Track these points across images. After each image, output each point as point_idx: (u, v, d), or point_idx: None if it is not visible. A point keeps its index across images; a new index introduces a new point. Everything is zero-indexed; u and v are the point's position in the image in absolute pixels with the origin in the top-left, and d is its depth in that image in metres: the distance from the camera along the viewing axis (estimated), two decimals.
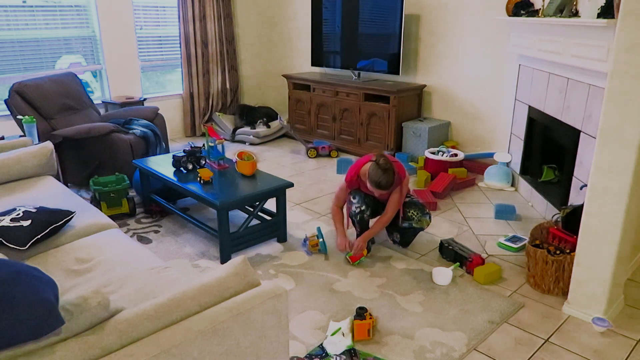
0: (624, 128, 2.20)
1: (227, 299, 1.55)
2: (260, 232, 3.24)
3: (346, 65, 5.61)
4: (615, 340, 2.38)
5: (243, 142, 5.85)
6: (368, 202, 3.11)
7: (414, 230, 3.21)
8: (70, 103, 4.36)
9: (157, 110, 4.67)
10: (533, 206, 3.96)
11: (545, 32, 3.50)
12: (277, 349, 1.63)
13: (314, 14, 5.75)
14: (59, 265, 2.17)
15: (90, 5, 5.09)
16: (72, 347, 1.26)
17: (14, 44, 4.68)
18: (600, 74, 2.89)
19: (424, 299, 2.70)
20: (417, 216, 3.11)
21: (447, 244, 3.13)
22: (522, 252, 3.22)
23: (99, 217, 2.64)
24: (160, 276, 1.99)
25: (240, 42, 6.40)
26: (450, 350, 2.29)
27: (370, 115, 5.15)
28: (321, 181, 4.56)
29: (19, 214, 2.31)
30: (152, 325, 1.38)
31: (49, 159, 3.23)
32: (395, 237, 3.30)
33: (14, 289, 1.22)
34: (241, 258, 1.66)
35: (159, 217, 3.72)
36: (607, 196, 2.32)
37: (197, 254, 3.18)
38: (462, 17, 4.76)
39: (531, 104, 3.96)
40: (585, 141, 3.14)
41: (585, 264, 2.48)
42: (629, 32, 2.09)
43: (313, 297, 2.71)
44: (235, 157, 3.40)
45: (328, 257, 3.15)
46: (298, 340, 2.35)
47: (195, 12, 5.74)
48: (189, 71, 5.90)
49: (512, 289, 2.82)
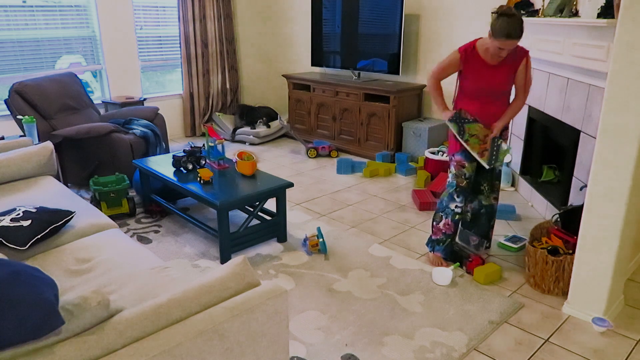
0: (624, 128, 2.20)
1: (227, 299, 1.55)
2: (260, 232, 3.24)
3: (346, 65, 5.61)
4: (615, 340, 2.38)
5: (243, 142, 5.85)
6: (470, 198, 3.00)
7: (486, 212, 3.05)
8: (70, 103, 4.36)
9: (157, 110, 4.67)
10: (533, 206, 3.95)
11: (545, 32, 3.50)
12: (277, 349, 1.63)
13: (314, 14, 5.75)
14: (59, 265, 2.17)
15: (90, 5, 5.09)
16: (72, 347, 1.26)
17: (14, 44, 4.68)
18: (600, 74, 2.89)
19: (424, 299, 2.70)
20: (487, 191, 2.93)
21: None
22: (522, 252, 3.22)
23: (99, 217, 2.64)
24: (160, 276, 1.99)
25: (240, 42, 6.40)
26: (450, 350, 2.29)
27: (370, 115, 5.15)
28: (321, 181, 4.56)
29: (19, 214, 2.31)
30: (152, 325, 1.38)
31: (49, 159, 3.23)
32: (472, 240, 3.14)
33: (14, 289, 1.22)
34: (241, 258, 1.66)
35: (159, 217, 3.72)
36: (607, 196, 2.32)
37: (197, 254, 3.18)
38: (462, 17, 4.76)
39: (531, 104, 3.96)
40: (585, 141, 3.14)
41: (585, 264, 2.48)
42: (629, 32, 2.09)
43: (313, 297, 2.71)
44: (235, 157, 3.40)
45: (328, 257, 3.15)
46: (298, 340, 2.35)
47: (195, 12, 5.74)
48: (189, 71, 5.90)
49: (512, 289, 2.82)
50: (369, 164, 4.76)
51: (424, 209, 3.89)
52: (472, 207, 3.11)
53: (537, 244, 2.84)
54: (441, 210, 3.01)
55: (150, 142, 4.23)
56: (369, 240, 3.39)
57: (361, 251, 3.21)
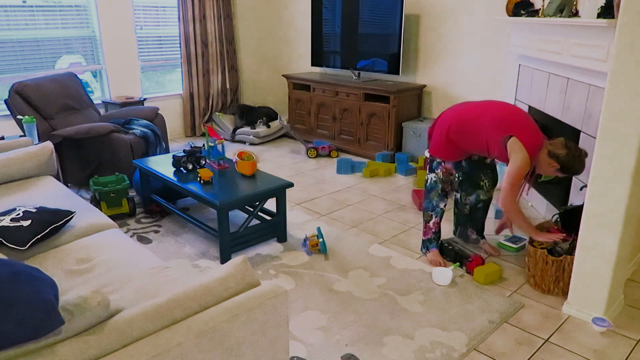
0: (624, 128, 2.20)
1: (227, 299, 1.55)
2: (260, 232, 3.24)
3: (346, 65, 5.61)
4: (615, 340, 2.38)
5: (243, 142, 5.85)
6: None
7: (483, 206, 3.11)
8: (70, 103, 4.36)
9: (157, 110, 4.67)
10: (533, 206, 3.95)
11: (545, 32, 3.50)
12: (277, 349, 1.63)
13: (314, 14, 5.75)
14: (59, 265, 2.17)
15: (90, 5, 5.09)
16: (72, 347, 1.26)
17: (14, 44, 4.68)
18: (600, 74, 2.89)
19: (424, 299, 2.70)
20: (487, 187, 3.01)
21: (447, 244, 3.12)
22: (522, 252, 3.22)
23: (99, 217, 2.64)
24: (160, 276, 1.99)
25: (240, 42, 6.40)
26: (450, 350, 2.29)
27: (370, 115, 5.15)
28: (321, 181, 4.56)
29: (19, 214, 2.31)
30: (152, 325, 1.38)
31: (49, 159, 3.23)
32: (471, 234, 3.24)
33: (14, 289, 1.22)
34: (241, 258, 1.66)
35: (159, 217, 3.72)
36: (607, 196, 2.32)
37: (197, 254, 3.18)
38: (462, 17, 4.76)
39: (531, 104, 3.96)
40: (585, 141, 3.14)
41: (585, 264, 2.48)
42: (629, 32, 2.09)
43: (313, 297, 2.71)
44: (235, 157, 3.40)
45: (328, 257, 3.15)
46: (298, 340, 2.35)
47: (195, 12, 5.74)
48: (189, 71, 5.90)
49: (512, 289, 2.82)
50: (369, 164, 4.76)
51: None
52: (470, 201, 3.16)
53: (537, 244, 2.84)
54: (431, 209, 3.07)
55: (150, 142, 4.23)
56: (369, 240, 3.39)
57: (361, 251, 3.21)
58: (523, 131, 2.60)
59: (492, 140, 2.68)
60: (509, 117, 2.66)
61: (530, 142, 2.59)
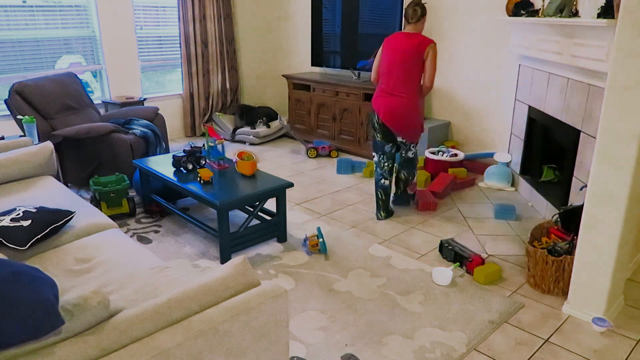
0: (624, 128, 2.20)
1: (227, 299, 1.55)
2: (260, 232, 3.24)
3: (346, 65, 5.60)
4: (615, 340, 2.38)
5: (243, 142, 5.85)
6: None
7: (409, 168, 3.82)
8: (70, 103, 4.36)
9: (157, 110, 4.67)
10: (533, 206, 3.96)
11: (545, 32, 3.50)
12: (277, 349, 1.63)
13: (314, 14, 5.75)
14: (59, 265, 2.17)
15: (90, 5, 5.09)
16: (72, 347, 1.26)
17: (14, 44, 4.68)
18: (600, 74, 2.89)
19: (424, 299, 2.70)
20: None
21: (447, 244, 3.13)
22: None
23: (99, 217, 2.64)
24: (160, 276, 1.99)
25: (240, 42, 6.40)
26: (450, 350, 2.29)
27: None
28: (321, 181, 4.56)
29: (19, 214, 2.31)
30: (152, 325, 1.38)
31: (49, 159, 3.23)
32: (396, 193, 3.94)
33: (14, 289, 1.22)
34: (241, 258, 1.66)
35: (159, 217, 3.72)
36: (607, 196, 2.32)
37: (197, 254, 3.18)
38: (462, 17, 4.76)
39: (531, 104, 3.96)
40: (585, 141, 3.14)
41: (585, 264, 2.48)
42: (628, 32, 2.09)
43: (313, 297, 2.71)
44: (235, 157, 3.40)
45: (328, 257, 3.15)
46: (298, 340, 2.35)
47: (195, 12, 5.74)
48: (189, 71, 5.90)
49: (512, 289, 2.82)
50: (369, 164, 4.76)
51: (424, 209, 3.88)
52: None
53: (537, 244, 2.84)
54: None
55: (150, 142, 4.23)
56: (369, 240, 3.39)
57: (361, 251, 3.21)
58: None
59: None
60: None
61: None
